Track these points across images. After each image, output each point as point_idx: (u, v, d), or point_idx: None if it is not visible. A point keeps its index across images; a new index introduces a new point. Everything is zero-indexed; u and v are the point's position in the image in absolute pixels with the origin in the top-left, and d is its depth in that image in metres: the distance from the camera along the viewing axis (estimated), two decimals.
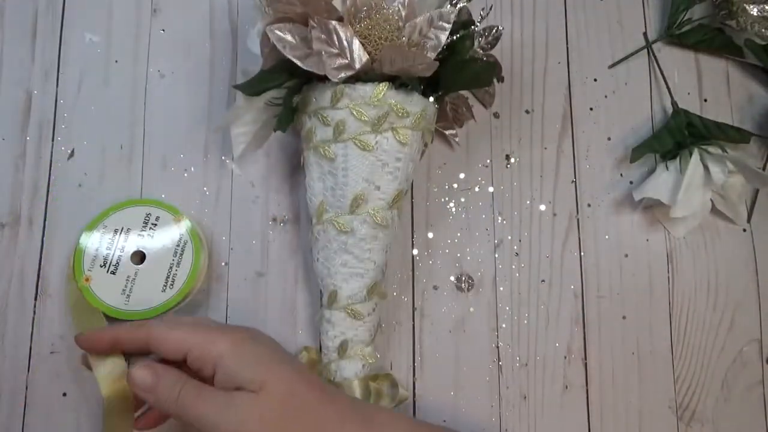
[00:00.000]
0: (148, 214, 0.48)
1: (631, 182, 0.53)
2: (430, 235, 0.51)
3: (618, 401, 0.49)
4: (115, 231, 0.47)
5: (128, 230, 0.47)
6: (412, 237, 0.51)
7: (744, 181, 0.50)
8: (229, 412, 0.34)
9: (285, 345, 0.42)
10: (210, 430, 0.34)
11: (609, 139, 0.54)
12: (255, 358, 0.36)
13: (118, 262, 0.47)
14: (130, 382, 0.37)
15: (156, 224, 0.48)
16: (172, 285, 0.47)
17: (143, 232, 0.48)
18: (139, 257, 0.47)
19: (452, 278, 0.51)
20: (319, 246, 0.45)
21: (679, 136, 0.51)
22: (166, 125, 0.52)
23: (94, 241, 0.47)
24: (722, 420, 0.49)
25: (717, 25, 0.55)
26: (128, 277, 0.47)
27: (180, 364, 0.37)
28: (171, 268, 0.47)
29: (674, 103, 0.53)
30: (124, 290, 0.46)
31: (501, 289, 0.51)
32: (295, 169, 0.52)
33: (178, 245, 0.48)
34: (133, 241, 0.47)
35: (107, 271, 0.46)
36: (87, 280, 0.46)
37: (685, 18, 0.55)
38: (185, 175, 0.51)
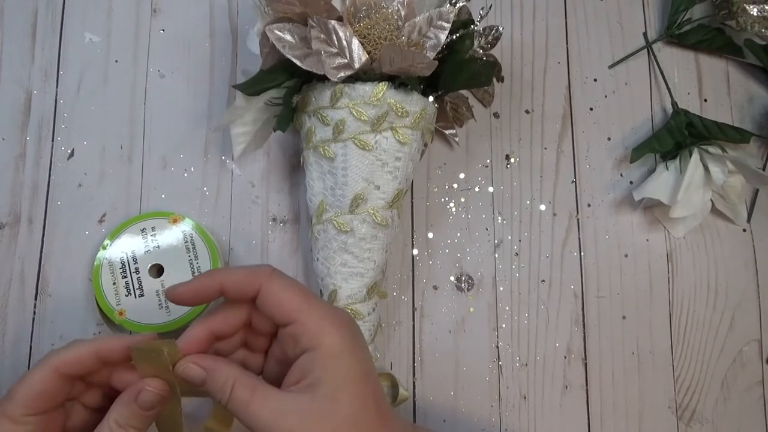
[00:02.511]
0: (143, 229, 0.48)
1: (631, 182, 0.53)
2: (430, 235, 0.51)
3: (618, 401, 0.49)
4: (122, 261, 0.47)
5: (133, 252, 0.47)
6: (412, 237, 0.51)
7: (744, 181, 0.50)
8: (288, 417, 0.32)
9: None
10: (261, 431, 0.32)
11: (609, 139, 0.54)
12: (345, 369, 0.33)
13: (140, 285, 0.47)
14: (181, 377, 0.34)
15: (155, 233, 0.48)
16: None
17: (148, 246, 0.47)
18: (157, 270, 0.47)
19: (452, 278, 0.51)
20: (319, 246, 0.45)
21: (679, 136, 0.51)
22: (166, 125, 0.52)
23: (107, 279, 0.47)
24: (722, 420, 0.49)
25: (717, 25, 0.55)
26: (157, 291, 0.47)
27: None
28: (191, 263, 0.47)
29: (674, 103, 0.53)
30: (160, 305, 0.46)
31: (501, 289, 0.51)
32: (295, 168, 0.52)
33: (186, 241, 0.48)
34: (144, 259, 0.47)
35: (135, 297, 0.46)
36: (121, 314, 0.46)
37: (685, 18, 0.54)
38: (185, 175, 0.51)
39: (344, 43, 0.42)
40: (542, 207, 0.52)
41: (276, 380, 0.35)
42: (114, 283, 0.47)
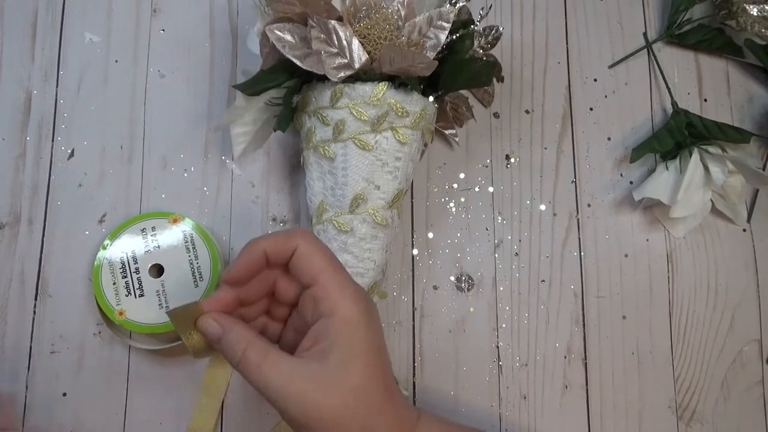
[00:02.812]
0: (143, 229, 0.48)
1: (631, 182, 0.53)
2: (430, 235, 0.51)
3: (618, 401, 0.49)
4: (122, 261, 0.47)
5: (133, 251, 0.47)
6: (412, 237, 0.51)
7: (744, 181, 0.50)
8: (298, 382, 0.32)
9: None
10: (272, 396, 0.33)
11: (609, 139, 0.54)
12: (359, 339, 0.34)
13: (141, 285, 0.47)
14: (200, 330, 0.35)
15: (155, 233, 0.48)
16: (201, 277, 0.47)
17: (148, 246, 0.47)
18: (157, 270, 0.47)
19: (452, 278, 0.51)
20: None
21: (679, 136, 0.51)
22: (166, 125, 0.52)
23: (107, 279, 0.47)
24: (722, 420, 0.49)
25: (717, 25, 0.55)
26: (157, 291, 0.47)
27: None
28: (191, 263, 0.47)
29: (674, 103, 0.53)
30: (161, 304, 0.46)
31: (501, 289, 0.51)
32: (294, 168, 0.52)
33: (187, 241, 0.48)
34: (144, 259, 0.47)
35: (136, 297, 0.46)
36: (121, 313, 0.46)
37: (685, 18, 0.54)
38: (185, 175, 0.51)
39: (344, 43, 0.42)
40: (542, 207, 0.52)
41: (291, 348, 0.36)
42: (114, 283, 0.47)
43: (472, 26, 0.45)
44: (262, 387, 0.33)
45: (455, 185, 0.52)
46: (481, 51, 0.49)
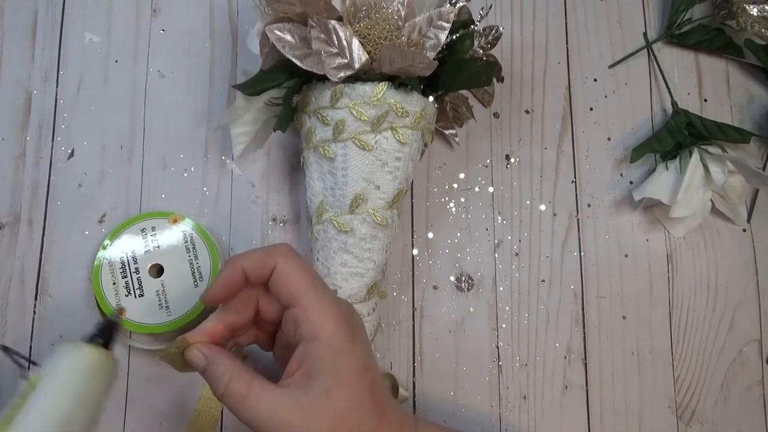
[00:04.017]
0: (143, 229, 0.48)
1: (631, 182, 0.53)
2: (430, 235, 0.51)
3: (618, 401, 0.49)
4: (122, 261, 0.47)
5: (133, 251, 0.47)
6: (412, 237, 0.51)
7: (744, 181, 0.50)
8: (283, 413, 0.32)
9: None
10: (257, 428, 0.32)
11: (609, 139, 0.54)
12: (342, 363, 0.34)
13: (141, 285, 0.47)
14: (188, 361, 0.35)
15: (155, 233, 0.48)
16: (201, 277, 0.47)
17: (148, 246, 0.47)
18: (157, 270, 0.47)
19: (452, 278, 0.51)
20: (319, 246, 0.45)
21: (679, 136, 0.51)
22: (166, 125, 0.52)
23: (107, 279, 0.47)
24: (722, 420, 0.49)
25: (717, 25, 0.55)
26: (157, 291, 0.47)
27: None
28: (191, 263, 0.47)
29: (674, 103, 0.53)
30: (160, 305, 0.46)
31: (501, 289, 0.51)
32: (294, 168, 0.52)
33: (186, 241, 0.48)
34: (144, 259, 0.47)
35: (136, 297, 0.46)
36: (121, 313, 0.46)
37: (685, 18, 0.54)
38: (185, 175, 0.51)
39: (344, 43, 0.42)
40: (542, 207, 0.52)
41: (283, 360, 0.36)
42: (114, 283, 0.47)
43: (472, 26, 0.45)
44: (247, 419, 0.33)
45: (455, 185, 0.52)
46: (481, 51, 0.49)
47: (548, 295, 0.51)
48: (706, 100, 0.55)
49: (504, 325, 0.50)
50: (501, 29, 0.49)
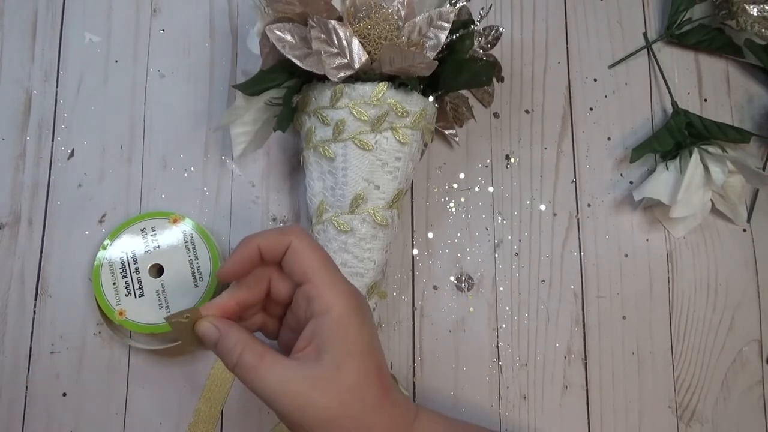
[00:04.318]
0: (143, 229, 0.48)
1: (631, 182, 0.53)
2: (430, 235, 0.51)
3: (618, 401, 0.49)
4: (122, 261, 0.47)
5: (133, 252, 0.47)
6: (412, 237, 0.51)
7: (744, 181, 0.50)
8: (293, 383, 0.33)
9: None
10: (269, 398, 0.33)
11: (609, 139, 0.54)
12: (352, 338, 0.34)
13: (141, 285, 0.47)
14: (199, 333, 0.36)
15: (155, 233, 0.48)
16: (201, 277, 0.47)
17: (148, 246, 0.47)
18: (157, 269, 0.47)
19: (452, 278, 0.51)
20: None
21: (679, 136, 0.51)
22: (166, 125, 0.52)
23: (107, 279, 0.47)
24: (722, 420, 0.49)
25: (717, 25, 0.55)
26: (157, 291, 0.47)
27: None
28: (191, 263, 0.47)
29: (674, 103, 0.53)
30: (161, 304, 0.46)
31: (501, 289, 0.51)
32: (294, 168, 0.52)
33: (186, 241, 0.48)
34: (144, 259, 0.47)
35: (136, 297, 0.46)
36: (121, 313, 0.46)
37: (685, 18, 0.54)
38: (185, 175, 0.51)
39: (344, 43, 0.42)
40: (542, 207, 0.52)
41: (288, 346, 0.36)
42: (114, 283, 0.47)
43: (472, 26, 0.45)
44: (259, 389, 0.33)
45: (455, 185, 0.52)
46: (481, 51, 0.49)
47: (548, 295, 0.51)
48: (706, 100, 0.55)
49: (504, 325, 0.50)
50: (501, 29, 0.49)
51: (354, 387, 0.33)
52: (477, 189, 0.52)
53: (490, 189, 0.52)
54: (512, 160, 0.53)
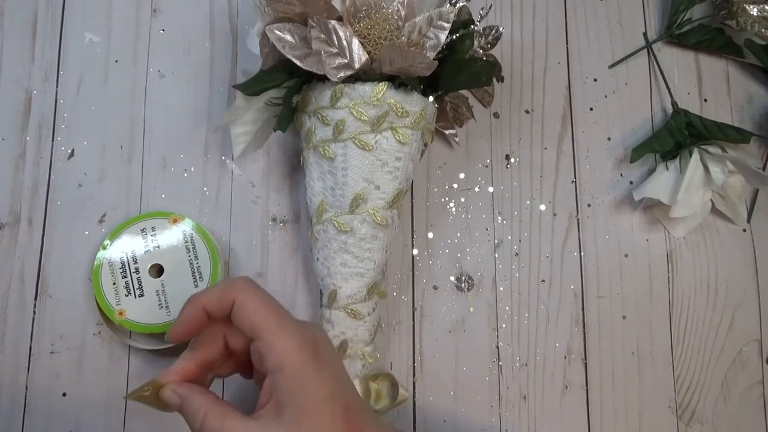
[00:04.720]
0: (143, 229, 0.48)
1: (631, 182, 0.53)
2: (430, 235, 0.51)
3: (618, 401, 0.49)
4: (122, 261, 0.47)
5: (133, 251, 0.47)
6: (412, 237, 0.51)
7: (744, 181, 0.50)
8: None
9: None
10: None
11: (609, 139, 0.54)
12: (309, 391, 0.34)
13: (140, 285, 0.47)
14: (164, 401, 0.36)
15: (155, 233, 0.48)
16: (201, 277, 0.47)
17: (148, 246, 0.47)
18: (157, 269, 0.47)
19: (452, 278, 0.51)
20: (319, 245, 0.45)
21: (679, 136, 0.51)
22: (166, 125, 0.52)
23: (107, 279, 0.47)
24: (722, 420, 0.49)
25: (717, 25, 0.55)
26: (157, 291, 0.47)
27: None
28: (191, 263, 0.47)
29: (674, 103, 0.53)
30: (160, 304, 0.46)
31: (501, 289, 0.51)
32: (294, 168, 0.52)
33: (186, 241, 0.48)
34: (144, 259, 0.47)
35: (135, 297, 0.46)
36: (121, 313, 0.46)
37: (685, 18, 0.54)
38: (185, 175, 0.51)
39: (344, 43, 0.42)
40: (542, 207, 0.52)
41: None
42: (114, 283, 0.47)
43: (472, 26, 0.45)
44: None
45: (455, 185, 0.52)
46: (481, 51, 0.49)
47: (548, 295, 0.51)
48: (706, 100, 0.55)
49: (504, 325, 0.50)
50: (501, 29, 0.49)
51: None
52: (477, 189, 0.52)
53: (490, 189, 0.52)
54: (512, 160, 0.53)
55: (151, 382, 0.36)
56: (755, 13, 0.52)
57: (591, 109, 0.54)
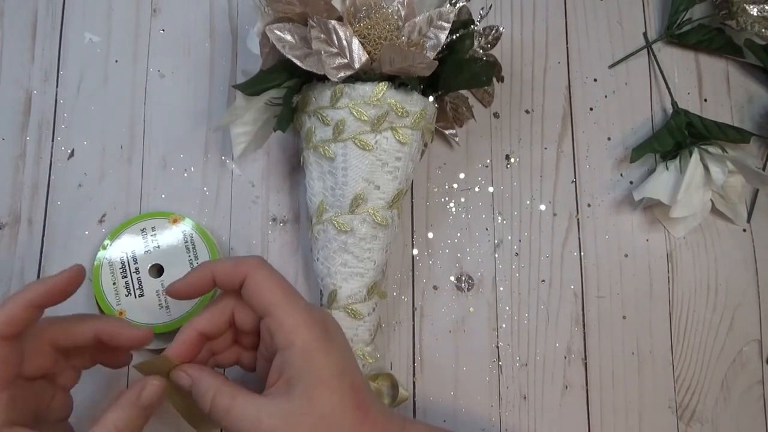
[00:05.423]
0: (143, 229, 0.48)
1: (631, 182, 0.53)
2: (430, 235, 0.51)
3: (618, 401, 0.49)
4: (122, 261, 0.47)
5: (133, 252, 0.47)
6: (412, 237, 0.51)
7: (744, 181, 0.50)
8: (267, 420, 0.33)
9: None
10: None
11: (609, 139, 0.54)
12: (319, 367, 0.34)
13: (141, 285, 0.47)
14: (174, 383, 0.37)
15: (155, 233, 0.48)
16: None
17: (148, 246, 0.47)
18: (157, 269, 0.47)
19: (452, 278, 0.51)
20: (319, 245, 0.45)
21: (679, 136, 0.51)
22: (166, 125, 0.52)
23: (107, 279, 0.47)
24: (722, 420, 0.49)
25: (717, 25, 0.55)
26: (157, 291, 0.47)
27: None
28: (191, 263, 0.47)
29: (674, 103, 0.53)
30: (160, 305, 0.46)
31: (501, 289, 0.51)
32: (294, 168, 0.52)
33: (186, 241, 0.48)
34: (144, 259, 0.47)
35: (136, 297, 0.46)
36: (121, 313, 0.46)
37: (685, 18, 0.55)
38: (185, 175, 0.51)
39: (344, 43, 0.42)
40: (542, 207, 0.52)
41: (266, 379, 0.36)
42: (114, 283, 0.47)
43: (472, 26, 0.45)
44: (235, 430, 0.34)
45: (455, 185, 0.52)
46: (481, 51, 0.49)
47: (548, 295, 0.51)
48: (706, 100, 0.55)
49: (504, 325, 0.50)
50: (501, 29, 0.49)
51: (328, 416, 0.34)
52: (477, 189, 0.52)
53: (490, 189, 0.52)
54: (512, 160, 0.53)
55: (161, 358, 0.36)
56: (755, 13, 0.52)
57: (591, 109, 0.54)
